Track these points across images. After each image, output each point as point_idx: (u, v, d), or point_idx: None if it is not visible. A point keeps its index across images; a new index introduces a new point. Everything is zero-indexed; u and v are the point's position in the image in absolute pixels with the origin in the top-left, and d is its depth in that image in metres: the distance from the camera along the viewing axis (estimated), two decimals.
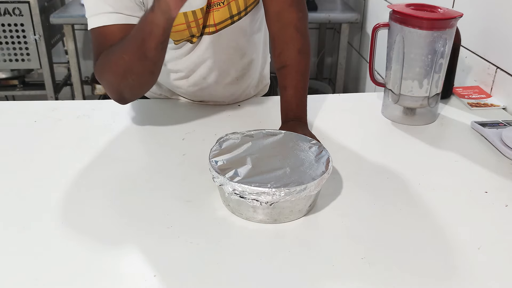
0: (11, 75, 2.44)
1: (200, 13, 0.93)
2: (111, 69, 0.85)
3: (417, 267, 0.62)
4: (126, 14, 0.85)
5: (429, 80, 0.98)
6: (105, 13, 0.85)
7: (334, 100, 1.15)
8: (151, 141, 0.94)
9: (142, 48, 0.80)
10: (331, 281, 0.60)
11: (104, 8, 0.85)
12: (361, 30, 2.42)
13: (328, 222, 0.71)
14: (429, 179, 0.82)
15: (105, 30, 0.86)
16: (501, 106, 1.10)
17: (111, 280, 0.59)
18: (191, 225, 0.69)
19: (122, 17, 0.85)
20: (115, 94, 0.89)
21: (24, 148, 0.91)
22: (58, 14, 2.24)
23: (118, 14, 0.85)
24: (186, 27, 0.94)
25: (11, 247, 0.65)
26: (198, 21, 0.94)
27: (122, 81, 0.85)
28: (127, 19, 0.85)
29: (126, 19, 0.85)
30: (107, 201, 0.75)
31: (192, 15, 0.93)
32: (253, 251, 0.65)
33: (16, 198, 0.76)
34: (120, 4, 0.85)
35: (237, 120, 1.04)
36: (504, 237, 0.68)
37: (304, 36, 0.95)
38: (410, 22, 0.94)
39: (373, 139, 0.98)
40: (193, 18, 0.93)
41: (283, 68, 0.94)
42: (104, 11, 0.85)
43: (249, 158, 0.73)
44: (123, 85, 0.86)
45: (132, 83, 0.86)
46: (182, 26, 0.94)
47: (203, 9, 0.93)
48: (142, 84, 0.88)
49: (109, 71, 0.86)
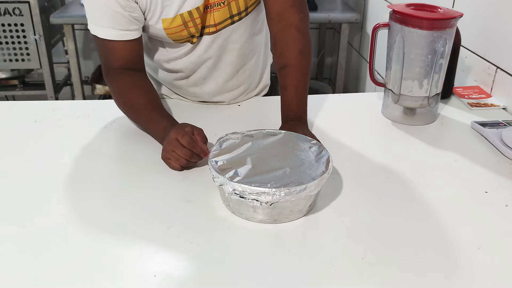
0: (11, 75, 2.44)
1: (196, 12, 0.93)
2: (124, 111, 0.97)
3: (417, 267, 0.62)
4: (120, 29, 0.91)
5: (429, 80, 0.98)
6: (103, 27, 0.91)
7: (334, 100, 1.15)
8: (151, 141, 0.94)
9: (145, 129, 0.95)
10: (331, 281, 0.60)
11: (101, 23, 0.91)
12: (361, 30, 2.42)
13: (328, 222, 0.71)
14: (429, 179, 0.82)
15: (110, 45, 0.93)
16: (501, 106, 1.10)
17: (111, 280, 0.59)
18: (191, 225, 0.69)
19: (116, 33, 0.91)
20: None
21: (24, 148, 0.91)
22: (58, 14, 2.24)
23: (115, 30, 0.91)
24: (183, 28, 0.94)
25: (11, 246, 0.65)
26: (195, 20, 0.94)
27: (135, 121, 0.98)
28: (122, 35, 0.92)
29: (121, 36, 0.92)
30: (107, 201, 0.75)
31: (188, 15, 0.93)
32: (253, 251, 0.65)
33: (16, 197, 0.76)
34: (112, 22, 0.90)
35: (237, 120, 1.04)
36: (504, 237, 0.68)
37: (305, 36, 0.95)
38: (410, 22, 0.94)
39: (373, 139, 0.98)
40: (190, 18, 0.93)
41: (284, 68, 0.94)
42: (101, 25, 0.91)
43: (249, 158, 0.73)
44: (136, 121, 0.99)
45: None
46: (180, 28, 0.94)
47: (199, 8, 0.93)
48: None
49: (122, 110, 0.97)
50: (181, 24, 0.93)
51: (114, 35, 0.91)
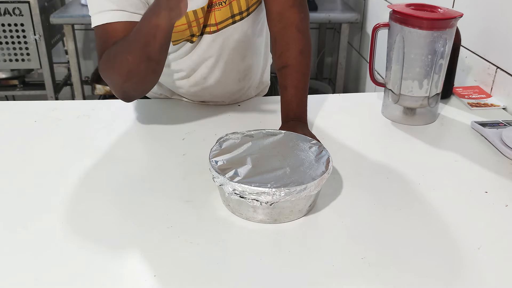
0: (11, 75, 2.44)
1: (201, 12, 0.93)
2: (115, 70, 0.86)
3: (417, 267, 0.62)
4: (130, 11, 0.86)
5: (429, 80, 0.98)
6: (109, 11, 0.85)
7: (334, 100, 1.15)
8: (151, 141, 0.94)
9: (146, 51, 0.81)
10: (331, 281, 0.60)
11: (108, 6, 0.85)
12: (361, 30, 2.42)
13: (328, 222, 0.71)
14: (429, 179, 0.82)
15: (109, 28, 0.86)
16: (501, 106, 1.10)
17: (111, 280, 0.59)
18: (191, 225, 0.69)
19: (126, 15, 0.86)
20: (120, 93, 0.90)
21: (24, 148, 0.91)
22: (58, 14, 2.24)
23: (122, 12, 0.85)
24: (187, 27, 0.94)
25: (11, 247, 0.65)
26: (199, 20, 0.94)
27: (126, 82, 0.86)
28: (130, 17, 0.86)
29: (130, 17, 0.86)
30: (107, 201, 0.75)
31: (193, 15, 0.93)
32: (253, 251, 0.65)
33: (16, 198, 0.76)
34: (124, 2, 0.85)
35: (237, 120, 1.04)
36: (504, 237, 0.68)
37: (306, 36, 0.95)
38: (410, 22, 0.94)
39: (373, 139, 0.98)
40: (194, 17, 0.93)
41: (284, 68, 0.94)
42: (108, 9, 0.85)
43: (249, 158, 0.73)
44: (127, 85, 0.87)
45: (136, 83, 0.87)
46: (183, 26, 0.94)
47: (204, 8, 0.93)
48: (146, 83, 0.89)
49: (113, 72, 0.86)
50: (185, 23, 0.93)
51: (121, 16, 0.85)
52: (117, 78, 0.87)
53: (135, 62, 0.83)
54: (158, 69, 0.87)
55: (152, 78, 0.88)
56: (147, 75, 0.86)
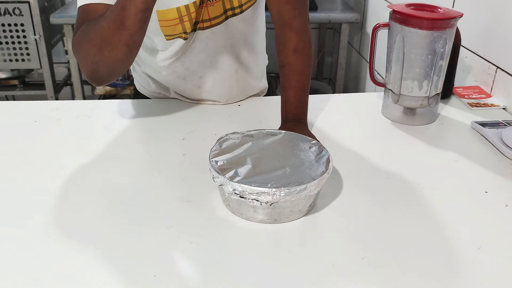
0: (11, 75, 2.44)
1: (193, 7, 0.92)
2: (88, 37, 0.83)
3: (417, 267, 0.62)
4: None
5: (429, 80, 0.98)
6: None
7: (334, 100, 1.15)
8: (151, 141, 0.94)
9: (121, 16, 0.78)
10: (331, 281, 0.60)
11: None
12: (361, 30, 2.42)
13: (328, 222, 0.71)
14: (429, 179, 0.82)
15: (90, 7, 0.85)
16: (501, 106, 1.10)
17: (111, 279, 0.59)
18: (191, 225, 0.69)
19: None
20: (90, 69, 0.86)
21: (24, 148, 0.91)
22: (58, 14, 2.24)
23: None
24: (179, 21, 0.94)
25: (11, 247, 0.65)
26: (191, 15, 0.93)
27: (98, 53, 0.83)
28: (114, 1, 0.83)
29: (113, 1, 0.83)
30: (106, 201, 0.75)
31: (185, 9, 0.92)
32: (253, 251, 0.65)
33: (16, 197, 0.76)
34: None
35: (237, 120, 1.04)
36: (504, 237, 0.68)
37: (300, 34, 0.94)
38: (410, 22, 0.94)
39: (373, 139, 0.98)
40: (186, 12, 0.93)
41: (281, 68, 0.95)
42: None
43: (249, 158, 0.73)
44: (99, 57, 0.84)
45: (108, 56, 0.83)
46: (175, 21, 0.93)
47: (196, 3, 0.92)
48: (117, 58, 0.84)
49: (86, 41, 0.84)
50: (177, 17, 0.93)
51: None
52: (89, 47, 0.83)
53: (109, 28, 0.80)
54: (131, 44, 0.82)
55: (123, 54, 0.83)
56: (119, 47, 0.82)
